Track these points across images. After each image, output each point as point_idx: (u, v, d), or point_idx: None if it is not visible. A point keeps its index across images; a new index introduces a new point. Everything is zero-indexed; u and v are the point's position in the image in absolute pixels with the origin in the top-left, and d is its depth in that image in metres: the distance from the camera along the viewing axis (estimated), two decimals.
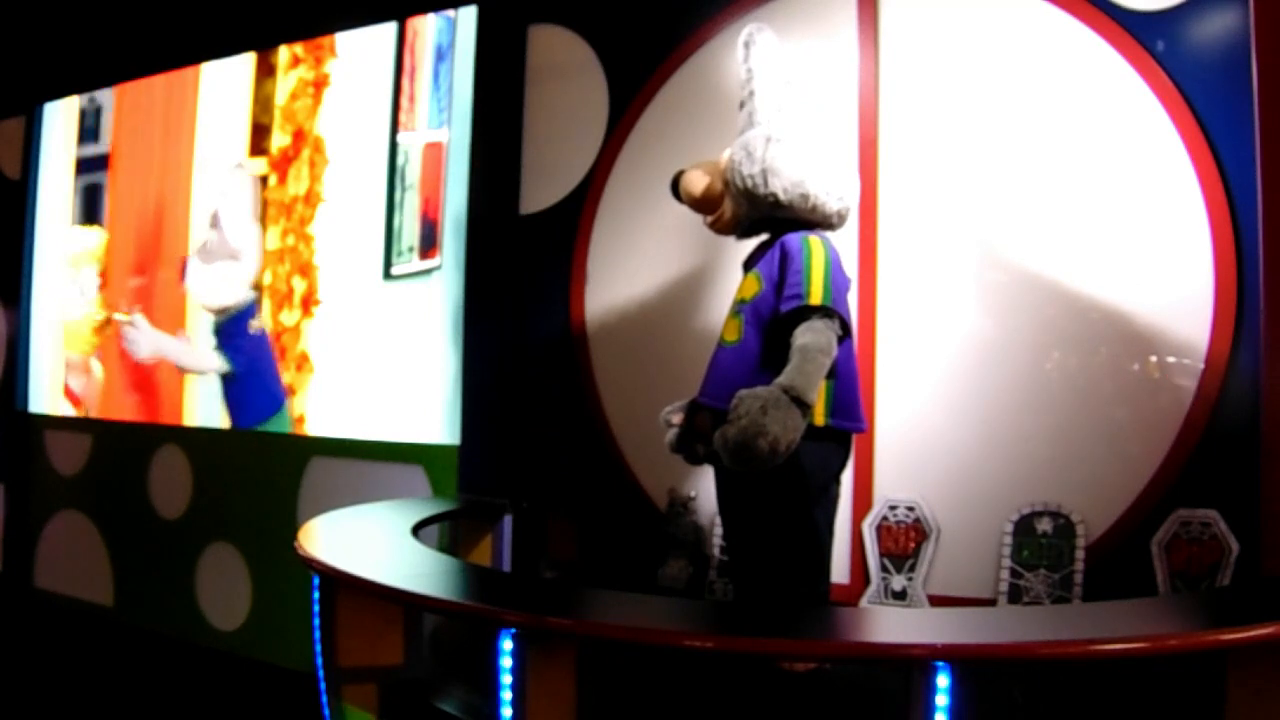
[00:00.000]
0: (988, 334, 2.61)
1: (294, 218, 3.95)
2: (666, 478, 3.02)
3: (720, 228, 2.48)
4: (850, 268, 2.72)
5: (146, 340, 4.40)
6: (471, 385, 3.41)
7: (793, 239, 2.26)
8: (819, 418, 2.18)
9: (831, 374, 2.19)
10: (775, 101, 2.34)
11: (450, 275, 3.51)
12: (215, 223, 4.18)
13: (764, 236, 2.41)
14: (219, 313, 4.20)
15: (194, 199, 4.30)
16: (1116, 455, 2.45)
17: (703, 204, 2.48)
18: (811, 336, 2.12)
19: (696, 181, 2.47)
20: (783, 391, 2.03)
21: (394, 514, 2.75)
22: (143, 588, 4.38)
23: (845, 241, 2.72)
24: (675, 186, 2.54)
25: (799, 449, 2.15)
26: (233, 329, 4.16)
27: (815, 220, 2.32)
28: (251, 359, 4.09)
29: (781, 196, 2.28)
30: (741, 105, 2.39)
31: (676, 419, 2.41)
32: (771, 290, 2.25)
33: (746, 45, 2.39)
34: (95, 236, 4.72)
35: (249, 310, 4.09)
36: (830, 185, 2.29)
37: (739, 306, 2.33)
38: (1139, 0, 2.47)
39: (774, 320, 2.21)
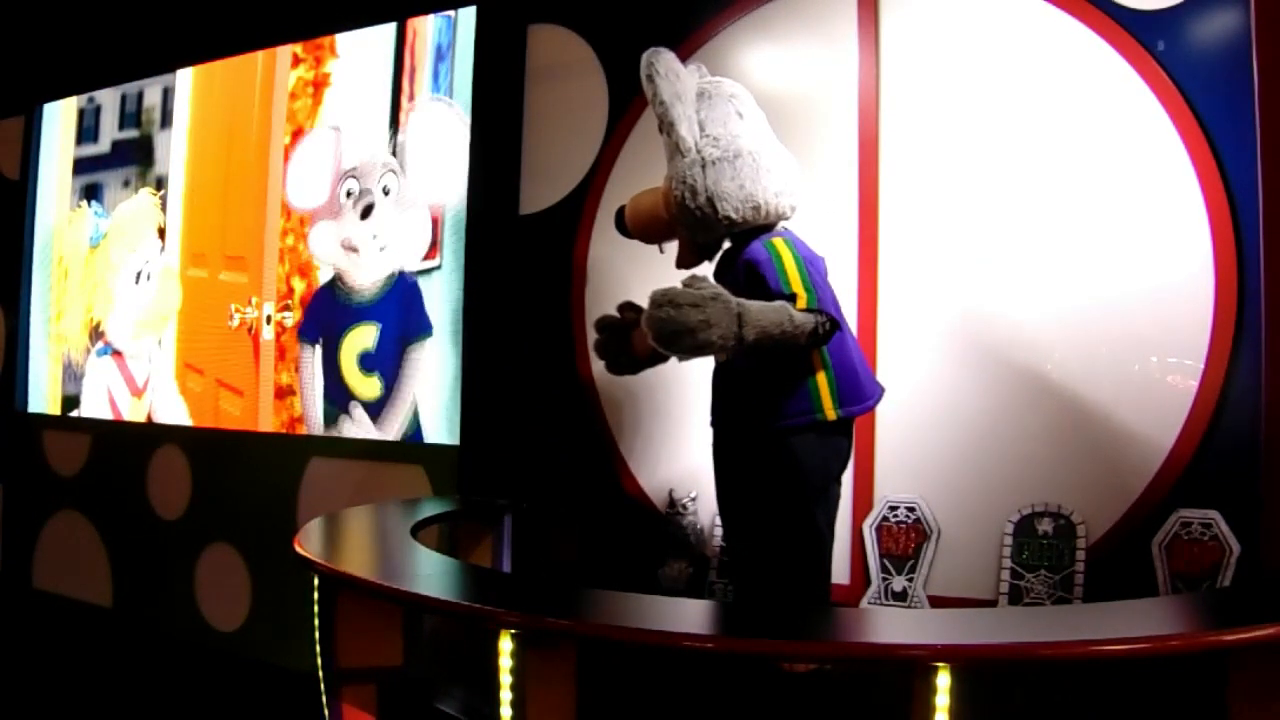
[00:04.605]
0: (988, 334, 2.61)
1: (294, 218, 3.95)
2: (666, 478, 3.02)
3: (685, 263, 2.44)
4: (850, 268, 2.73)
5: None
6: (471, 385, 3.41)
7: (756, 250, 2.26)
8: (829, 412, 2.19)
9: (825, 366, 2.20)
10: (694, 121, 2.31)
11: (450, 275, 3.51)
12: (368, 213, 3.72)
13: (726, 245, 2.41)
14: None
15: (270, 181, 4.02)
16: (1117, 456, 2.44)
17: (652, 234, 2.48)
18: (800, 313, 2.13)
19: (641, 213, 2.46)
20: (738, 307, 2.04)
21: (394, 514, 2.75)
22: (142, 588, 4.38)
23: (845, 242, 2.73)
24: (620, 224, 2.54)
25: (800, 445, 2.15)
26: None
27: (771, 223, 2.33)
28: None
29: (735, 216, 2.27)
30: (661, 130, 2.34)
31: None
32: None
33: (650, 78, 2.30)
34: (146, 200, 4.45)
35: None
36: (777, 187, 2.29)
37: None
38: (1139, 0, 2.47)
39: None
